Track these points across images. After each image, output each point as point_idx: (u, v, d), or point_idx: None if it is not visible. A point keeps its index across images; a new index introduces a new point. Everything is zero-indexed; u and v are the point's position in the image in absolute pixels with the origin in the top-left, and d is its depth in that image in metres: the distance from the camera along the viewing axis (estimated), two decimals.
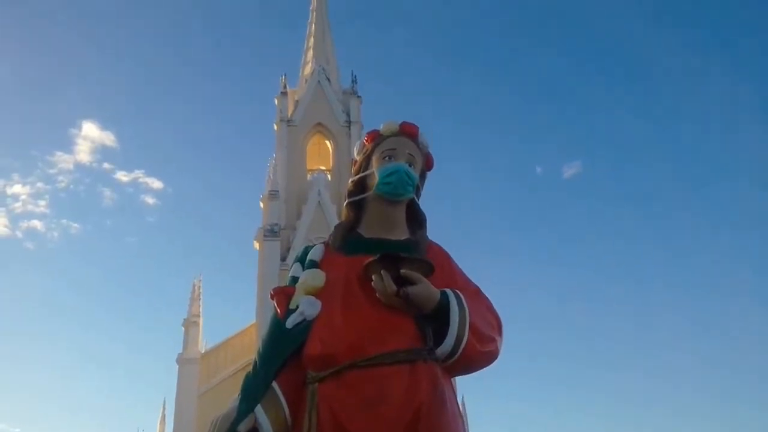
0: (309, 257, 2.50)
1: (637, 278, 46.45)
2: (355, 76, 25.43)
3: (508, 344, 2.44)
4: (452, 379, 2.35)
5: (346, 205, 2.59)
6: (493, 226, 47.84)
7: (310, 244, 2.68)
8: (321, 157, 24.58)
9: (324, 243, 2.57)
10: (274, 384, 2.26)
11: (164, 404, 21.04)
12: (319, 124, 24.37)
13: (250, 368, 2.38)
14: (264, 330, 2.41)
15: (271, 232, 21.43)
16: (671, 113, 48.67)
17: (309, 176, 23.71)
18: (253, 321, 20.79)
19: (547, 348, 44.98)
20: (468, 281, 2.50)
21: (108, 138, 51.24)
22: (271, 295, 2.43)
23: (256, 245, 21.68)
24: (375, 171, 2.50)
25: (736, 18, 48.84)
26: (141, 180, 54.50)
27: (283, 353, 2.28)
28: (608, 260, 46.74)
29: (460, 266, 2.56)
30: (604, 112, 49.10)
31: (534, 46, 51.75)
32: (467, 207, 45.88)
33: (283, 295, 2.39)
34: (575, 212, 48.19)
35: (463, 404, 18.19)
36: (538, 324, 40.89)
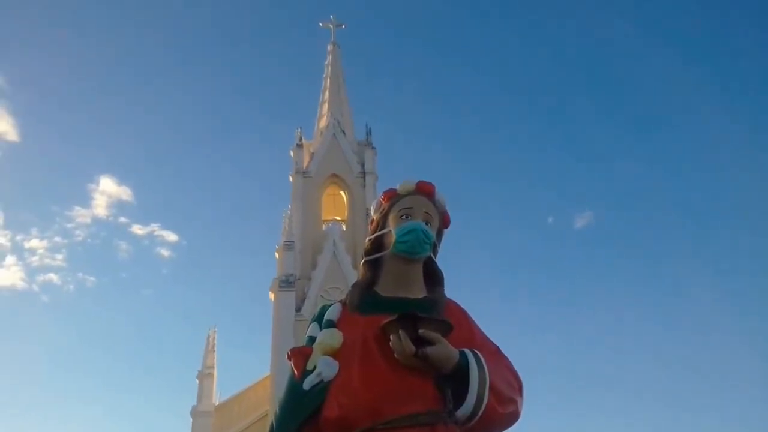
0: (326, 317, 2.47)
1: (650, 328, 45.83)
2: (370, 128, 25.80)
3: (525, 400, 2.39)
4: None
5: (363, 263, 2.59)
6: (505, 275, 47.59)
7: (327, 302, 2.66)
8: (336, 207, 24.73)
9: (341, 302, 2.55)
10: None
11: None
12: (334, 175, 24.59)
13: (265, 422, 2.36)
14: (279, 382, 2.40)
15: (286, 283, 21.41)
16: (683, 164, 48.73)
17: (324, 227, 23.83)
18: (268, 373, 20.61)
19: (561, 399, 44.11)
20: (487, 340, 2.47)
21: (125, 192, 52.21)
22: (288, 355, 2.41)
23: (271, 296, 21.64)
24: (392, 230, 2.50)
25: (753, 67, 49.15)
26: (156, 233, 55.15)
27: (301, 415, 2.24)
28: (620, 310, 46.28)
29: (475, 319, 2.53)
30: (617, 163, 49.24)
31: (546, 97, 52.27)
32: (478, 257, 45.66)
33: (301, 355, 2.37)
34: (587, 262, 47.89)
35: None
36: (550, 375, 40.08)
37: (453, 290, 2.60)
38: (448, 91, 53.08)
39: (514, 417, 2.32)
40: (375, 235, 2.58)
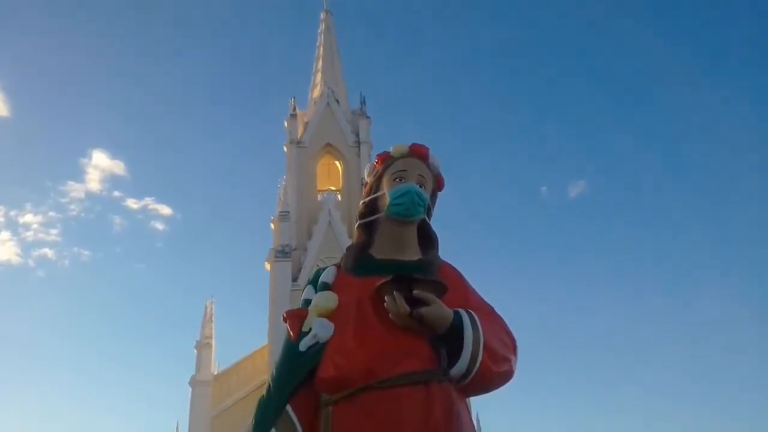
0: (321, 279, 2.49)
1: (642, 296, 46.21)
2: (364, 97, 25.63)
3: (518, 361, 2.42)
4: (467, 399, 2.34)
5: (358, 226, 2.60)
6: (499, 245, 47.84)
7: (322, 266, 2.67)
8: (331, 177, 24.69)
9: (336, 265, 2.56)
10: (288, 407, 2.25)
11: (177, 427, 20.94)
12: (329, 144, 24.50)
13: (263, 390, 2.38)
14: (276, 351, 2.40)
15: (282, 253, 21.47)
16: (676, 133, 48.71)
17: (319, 197, 23.81)
18: (265, 342, 20.77)
19: (554, 364, 44.59)
20: (482, 301, 2.48)
21: (118, 166, 52.11)
22: (283, 317, 2.43)
23: (267, 266, 21.71)
24: (386, 192, 2.50)
25: (743, 42, 48.87)
26: (150, 207, 54.94)
27: (297, 376, 2.27)
28: (613, 279, 46.62)
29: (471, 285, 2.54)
30: (610, 132, 49.18)
31: (539, 67, 51.92)
32: (473, 226, 45.79)
33: (296, 317, 2.39)
34: (581, 231, 48.11)
35: (478, 422, 18.03)
36: (544, 340, 40.45)
37: (444, 257, 2.61)
38: (442, 60, 52.73)
39: (508, 375, 2.34)
40: (369, 198, 2.58)
